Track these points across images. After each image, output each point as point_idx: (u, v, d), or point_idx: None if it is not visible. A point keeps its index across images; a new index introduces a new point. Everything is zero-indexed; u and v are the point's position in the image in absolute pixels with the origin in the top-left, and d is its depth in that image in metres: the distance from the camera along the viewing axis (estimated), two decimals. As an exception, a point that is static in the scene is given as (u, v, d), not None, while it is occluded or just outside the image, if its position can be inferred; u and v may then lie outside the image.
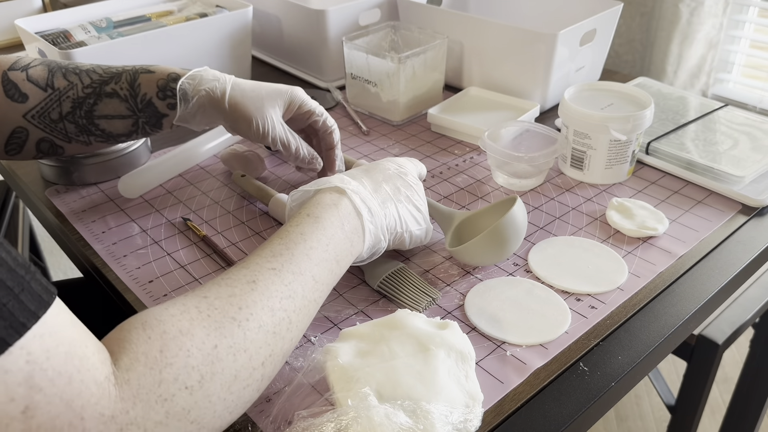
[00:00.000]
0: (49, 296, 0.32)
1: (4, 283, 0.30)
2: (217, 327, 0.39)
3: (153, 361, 0.35)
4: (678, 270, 0.64)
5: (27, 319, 0.30)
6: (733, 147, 0.80)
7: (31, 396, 0.30)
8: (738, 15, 1.47)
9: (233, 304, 0.41)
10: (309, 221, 0.50)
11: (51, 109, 0.64)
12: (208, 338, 0.38)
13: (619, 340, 0.56)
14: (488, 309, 0.58)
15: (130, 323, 0.38)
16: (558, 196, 0.76)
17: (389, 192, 0.58)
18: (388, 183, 0.59)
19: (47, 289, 0.32)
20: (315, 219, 0.51)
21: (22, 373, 0.30)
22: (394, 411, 0.44)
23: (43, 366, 0.30)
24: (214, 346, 0.38)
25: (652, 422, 1.48)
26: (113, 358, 0.35)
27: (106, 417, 0.32)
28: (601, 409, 0.53)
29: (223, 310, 0.40)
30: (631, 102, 0.78)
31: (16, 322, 0.30)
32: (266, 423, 0.48)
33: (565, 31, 0.87)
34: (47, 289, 0.32)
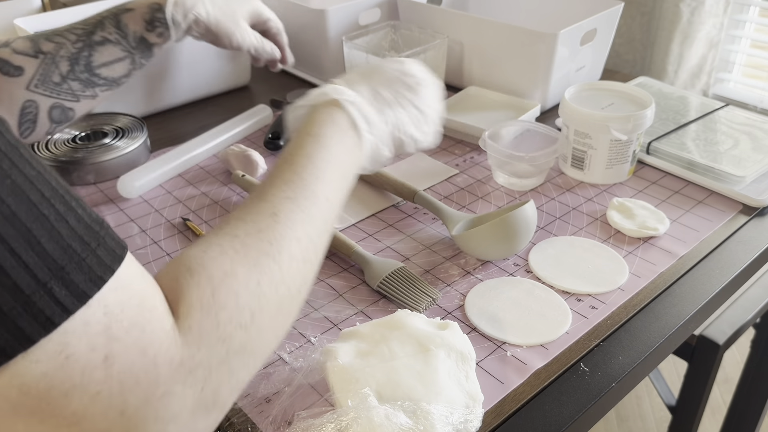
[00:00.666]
0: (122, 250, 0.33)
1: (82, 238, 0.31)
2: (255, 264, 0.40)
3: (207, 306, 0.37)
4: (679, 270, 0.64)
5: (103, 272, 0.31)
6: (733, 147, 0.80)
7: (110, 345, 0.31)
8: (739, 14, 1.47)
9: (263, 239, 0.42)
10: (311, 141, 0.50)
11: (51, 73, 0.66)
12: (251, 276, 0.39)
13: (620, 341, 0.56)
14: (488, 309, 0.58)
15: (175, 270, 0.38)
16: (558, 196, 0.76)
17: (388, 97, 0.57)
18: (387, 88, 0.57)
19: (120, 243, 0.33)
20: (316, 138, 0.51)
21: (100, 325, 0.31)
22: (394, 411, 0.44)
23: (119, 317, 0.32)
24: (257, 283, 0.39)
25: (653, 423, 1.47)
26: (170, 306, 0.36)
27: (175, 362, 0.34)
28: (602, 410, 0.53)
29: (256, 247, 0.41)
30: (631, 102, 0.78)
31: (95, 275, 0.31)
32: (266, 423, 0.48)
33: (566, 31, 0.87)
34: (120, 244, 0.33)
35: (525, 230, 0.62)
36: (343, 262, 0.65)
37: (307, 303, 0.60)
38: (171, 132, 0.91)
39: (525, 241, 0.63)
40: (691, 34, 1.41)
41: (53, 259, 0.29)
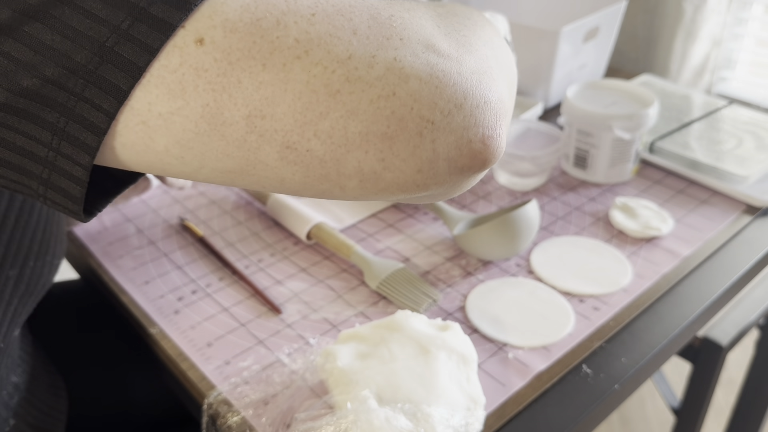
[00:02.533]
0: None
1: None
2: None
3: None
4: (682, 271, 0.63)
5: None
6: (737, 146, 0.79)
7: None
8: (742, 12, 1.46)
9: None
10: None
11: None
12: None
13: (623, 342, 0.55)
14: (490, 310, 0.58)
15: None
16: (561, 196, 0.75)
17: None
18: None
19: None
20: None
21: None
22: (395, 414, 0.44)
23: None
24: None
25: (656, 425, 1.47)
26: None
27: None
28: (605, 412, 0.52)
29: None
30: (634, 100, 0.77)
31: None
32: (264, 426, 0.47)
33: (568, 28, 0.86)
34: None
35: (527, 230, 0.62)
36: (343, 263, 0.64)
37: (306, 304, 0.59)
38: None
39: (527, 242, 0.63)
40: (695, 32, 1.40)
41: None
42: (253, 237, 0.69)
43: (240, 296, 0.60)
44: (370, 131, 0.27)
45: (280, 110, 0.27)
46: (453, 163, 0.29)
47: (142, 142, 0.28)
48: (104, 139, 0.28)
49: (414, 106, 0.27)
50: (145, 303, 0.59)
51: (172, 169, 0.29)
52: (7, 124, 0.27)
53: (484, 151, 0.29)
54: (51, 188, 0.29)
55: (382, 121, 0.27)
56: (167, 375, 0.56)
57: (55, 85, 0.26)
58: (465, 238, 0.63)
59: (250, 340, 0.55)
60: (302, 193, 0.31)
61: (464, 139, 0.29)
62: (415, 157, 0.28)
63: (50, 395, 0.61)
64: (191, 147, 0.28)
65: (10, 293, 0.46)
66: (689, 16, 1.38)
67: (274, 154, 0.28)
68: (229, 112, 0.27)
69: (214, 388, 0.51)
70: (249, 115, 0.27)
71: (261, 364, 0.53)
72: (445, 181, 0.30)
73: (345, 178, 0.29)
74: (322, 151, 0.28)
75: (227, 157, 0.28)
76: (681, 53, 1.42)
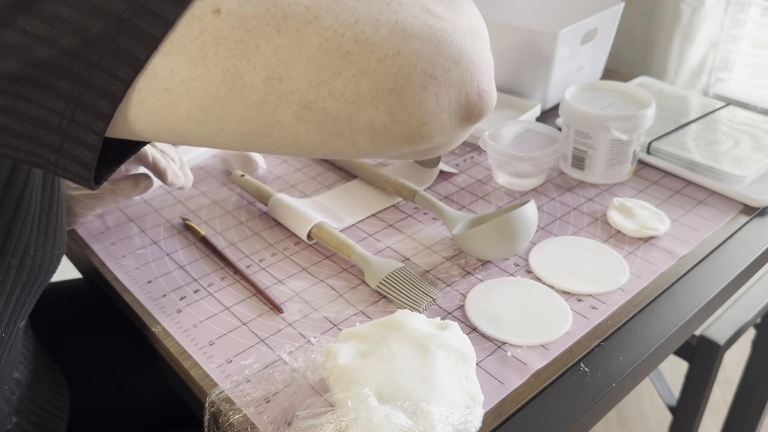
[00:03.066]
0: None
1: None
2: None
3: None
4: (679, 270, 0.64)
5: None
6: (734, 147, 0.79)
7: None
8: (739, 14, 1.46)
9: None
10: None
11: None
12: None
13: (620, 341, 0.56)
14: (489, 309, 0.58)
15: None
16: (559, 196, 0.75)
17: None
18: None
19: None
20: None
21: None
22: (394, 412, 0.44)
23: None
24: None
25: (654, 423, 1.47)
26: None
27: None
28: (602, 410, 0.53)
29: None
30: (632, 101, 0.78)
31: None
32: (265, 424, 0.48)
33: (566, 30, 0.87)
34: None
35: (525, 230, 0.62)
36: (343, 262, 0.65)
37: (307, 303, 0.60)
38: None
39: (525, 241, 0.63)
40: (692, 34, 1.40)
41: None
42: (255, 237, 0.69)
43: (241, 295, 0.61)
44: (379, 88, 0.29)
45: (297, 72, 0.28)
46: (454, 115, 0.32)
47: (165, 109, 0.29)
48: (127, 109, 0.29)
49: (418, 64, 0.29)
50: (147, 302, 0.60)
51: (191, 134, 0.31)
52: (22, 95, 0.28)
53: (480, 103, 0.33)
54: (63, 155, 0.30)
55: (390, 78, 0.29)
56: (170, 373, 0.56)
57: (72, 56, 0.27)
58: (464, 238, 0.64)
59: (252, 339, 0.56)
60: (315, 152, 0.32)
61: (463, 92, 0.31)
62: (420, 111, 0.30)
63: (52, 393, 0.62)
64: (212, 111, 0.29)
65: (12, 282, 0.46)
66: (686, 18, 1.38)
67: (291, 114, 0.29)
68: (248, 76, 0.28)
69: (216, 387, 0.51)
70: (267, 78, 0.28)
71: (262, 363, 0.53)
72: (447, 132, 0.32)
73: (357, 133, 0.30)
74: (336, 108, 0.29)
75: (246, 119, 0.30)
76: (678, 55, 1.42)
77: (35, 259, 0.47)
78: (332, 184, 0.79)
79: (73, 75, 0.27)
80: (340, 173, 0.81)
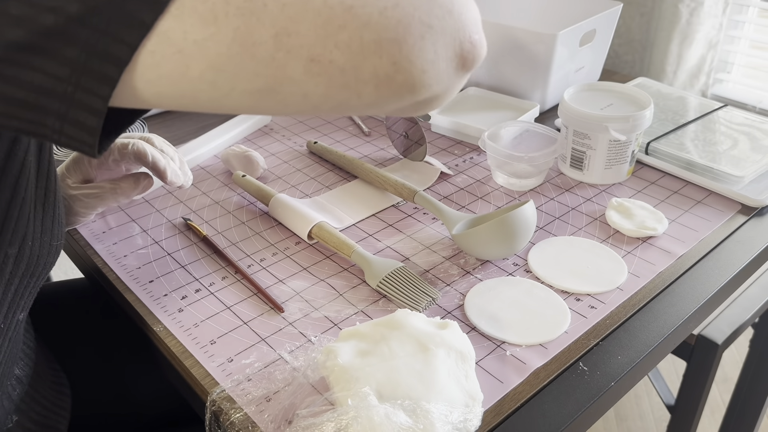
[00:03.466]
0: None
1: None
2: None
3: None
4: (677, 270, 0.64)
5: None
6: (732, 147, 0.80)
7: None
8: (737, 15, 1.47)
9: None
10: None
11: None
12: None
13: (619, 340, 0.56)
14: (488, 309, 0.59)
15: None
16: (558, 196, 0.76)
17: None
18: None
19: None
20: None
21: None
22: (394, 410, 0.44)
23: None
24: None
25: (652, 422, 1.48)
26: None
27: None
28: (601, 409, 0.53)
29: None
30: (630, 102, 0.78)
31: None
32: (266, 422, 0.48)
33: (565, 32, 0.87)
34: None
35: (524, 230, 0.63)
36: (343, 262, 0.65)
37: (308, 302, 0.60)
38: (171, 132, 0.91)
39: (524, 241, 0.64)
40: (690, 35, 1.41)
41: None
42: (255, 237, 0.69)
43: (242, 295, 0.61)
44: (382, 38, 0.31)
45: (304, 27, 0.29)
46: (450, 63, 0.33)
47: (178, 71, 0.30)
48: (141, 73, 0.29)
49: (415, 14, 0.31)
50: (149, 301, 0.60)
51: (203, 95, 0.31)
52: (27, 63, 0.28)
53: (473, 50, 0.34)
54: (68, 122, 0.30)
55: (391, 28, 0.31)
56: (171, 373, 0.57)
57: (78, 23, 0.27)
58: (463, 238, 0.64)
59: (253, 338, 0.56)
60: (321, 107, 0.33)
61: (457, 40, 0.33)
62: (420, 59, 0.32)
63: (54, 392, 0.62)
64: (224, 70, 0.30)
65: (11, 272, 0.46)
66: (685, 19, 1.39)
67: (300, 68, 0.30)
68: (258, 33, 0.29)
69: (217, 385, 0.52)
70: (276, 34, 0.29)
71: (263, 362, 0.54)
72: (444, 81, 0.34)
73: (362, 84, 0.32)
74: (342, 60, 0.31)
75: (257, 76, 0.30)
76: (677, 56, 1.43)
77: (33, 249, 0.47)
78: (332, 184, 0.79)
79: (79, 42, 0.28)
80: (340, 173, 0.81)
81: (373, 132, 0.91)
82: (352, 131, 0.92)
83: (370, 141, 0.89)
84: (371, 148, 0.87)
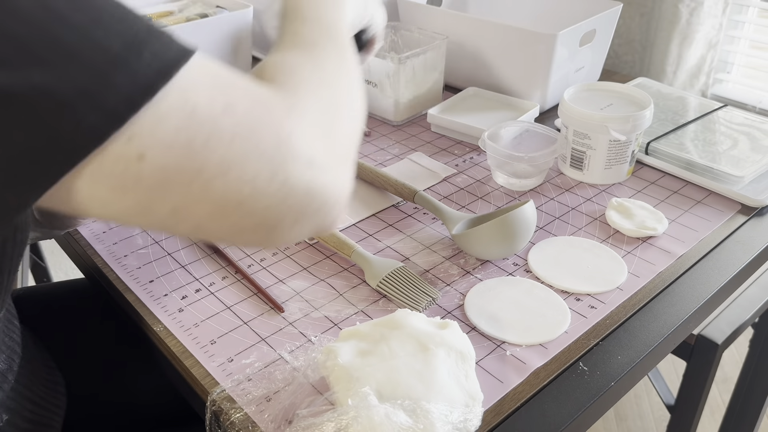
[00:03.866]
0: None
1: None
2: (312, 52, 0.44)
3: (291, 69, 0.41)
4: (677, 270, 0.64)
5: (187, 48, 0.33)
6: (732, 147, 0.80)
7: (226, 94, 0.34)
8: (737, 15, 1.47)
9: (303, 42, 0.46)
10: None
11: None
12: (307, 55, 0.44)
13: (619, 340, 0.56)
14: (488, 309, 0.59)
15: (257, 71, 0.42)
16: (558, 196, 0.76)
17: None
18: None
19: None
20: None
21: (208, 77, 0.34)
22: (394, 410, 0.44)
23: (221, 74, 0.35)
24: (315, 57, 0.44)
25: (652, 422, 1.48)
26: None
27: (286, 105, 0.37)
28: (601, 409, 0.53)
29: (304, 45, 0.45)
30: (630, 102, 0.78)
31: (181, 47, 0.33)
32: (267, 422, 0.48)
33: (565, 32, 0.87)
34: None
35: (524, 230, 0.63)
36: (344, 262, 0.65)
37: (308, 302, 0.60)
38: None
39: (524, 241, 0.64)
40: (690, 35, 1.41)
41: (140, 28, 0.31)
42: (255, 237, 0.69)
43: (243, 295, 0.61)
44: (259, 225, 0.36)
45: (199, 209, 0.34)
46: (306, 235, 0.40)
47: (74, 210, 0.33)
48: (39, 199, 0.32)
49: (291, 211, 0.36)
50: (149, 301, 0.60)
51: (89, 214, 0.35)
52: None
53: (329, 229, 0.41)
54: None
55: (270, 219, 0.36)
56: (171, 372, 0.57)
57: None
58: (464, 238, 0.64)
59: (253, 338, 0.56)
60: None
61: (321, 225, 0.39)
62: (285, 239, 0.38)
63: (47, 390, 0.62)
64: (115, 220, 0.35)
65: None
66: (685, 19, 1.39)
67: (186, 230, 0.36)
68: (157, 207, 0.33)
69: (217, 385, 0.52)
70: (173, 209, 0.34)
71: (263, 362, 0.54)
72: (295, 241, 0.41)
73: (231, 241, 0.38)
74: (221, 234, 0.37)
75: (144, 225, 0.36)
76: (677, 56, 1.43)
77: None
78: (332, 184, 0.79)
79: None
80: (340, 173, 0.81)
81: (373, 132, 0.91)
82: (352, 131, 0.92)
83: (370, 141, 0.89)
84: (371, 148, 0.87)
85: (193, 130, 0.32)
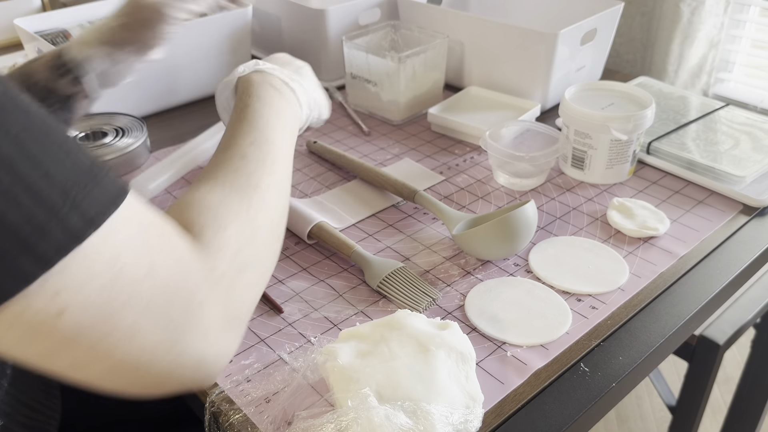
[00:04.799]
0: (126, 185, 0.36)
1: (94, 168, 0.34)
2: (242, 194, 0.46)
3: (215, 225, 0.42)
4: (679, 270, 0.64)
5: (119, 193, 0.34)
6: (734, 147, 0.80)
7: (152, 256, 0.35)
8: (739, 14, 1.47)
9: (241, 176, 0.47)
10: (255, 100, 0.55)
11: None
12: (242, 202, 0.45)
13: (620, 341, 0.56)
14: (489, 309, 0.58)
15: (174, 210, 0.44)
16: (559, 196, 0.76)
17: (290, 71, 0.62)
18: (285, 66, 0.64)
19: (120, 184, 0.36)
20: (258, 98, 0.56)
21: (139, 237, 0.35)
22: (394, 412, 0.44)
23: (151, 231, 0.36)
24: (248, 207, 0.45)
25: (653, 423, 1.47)
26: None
27: (204, 271, 0.39)
28: (602, 410, 0.53)
29: (237, 183, 0.47)
30: (631, 102, 0.78)
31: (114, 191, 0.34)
32: (266, 423, 0.48)
33: (566, 31, 0.87)
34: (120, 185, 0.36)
35: (525, 230, 0.62)
36: (343, 262, 0.65)
37: (307, 303, 0.60)
38: (171, 132, 0.91)
39: (525, 241, 0.63)
40: (692, 34, 1.41)
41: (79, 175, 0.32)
42: (255, 237, 0.69)
43: (242, 295, 0.61)
44: (146, 384, 0.38)
45: (97, 367, 0.35)
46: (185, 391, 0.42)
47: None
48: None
49: (184, 375, 0.39)
50: (147, 302, 0.60)
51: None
52: None
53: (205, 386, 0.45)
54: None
55: (158, 381, 0.38)
56: (170, 373, 0.56)
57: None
58: (464, 238, 0.64)
59: (252, 339, 0.56)
60: None
61: (200, 385, 0.41)
62: (163, 394, 0.40)
63: (42, 393, 0.61)
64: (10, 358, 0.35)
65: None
66: (686, 18, 1.39)
67: (75, 378, 0.36)
68: (58, 359, 0.34)
69: (216, 386, 0.51)
70: (71, 364, 0.35)
71: (263, 363, 0.54)
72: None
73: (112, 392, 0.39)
74: (105, 387, 0.38)
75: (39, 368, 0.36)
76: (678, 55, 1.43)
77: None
78: (332, 184, 0.79)
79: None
80: (340, 173, 0.81)
81: (373, 132, 0.91)
82: (352, 131, 0.91)
83: (370, 141, 0.88)
84: (371, 148, 0.87)
85: (116, 291, 0.33)
